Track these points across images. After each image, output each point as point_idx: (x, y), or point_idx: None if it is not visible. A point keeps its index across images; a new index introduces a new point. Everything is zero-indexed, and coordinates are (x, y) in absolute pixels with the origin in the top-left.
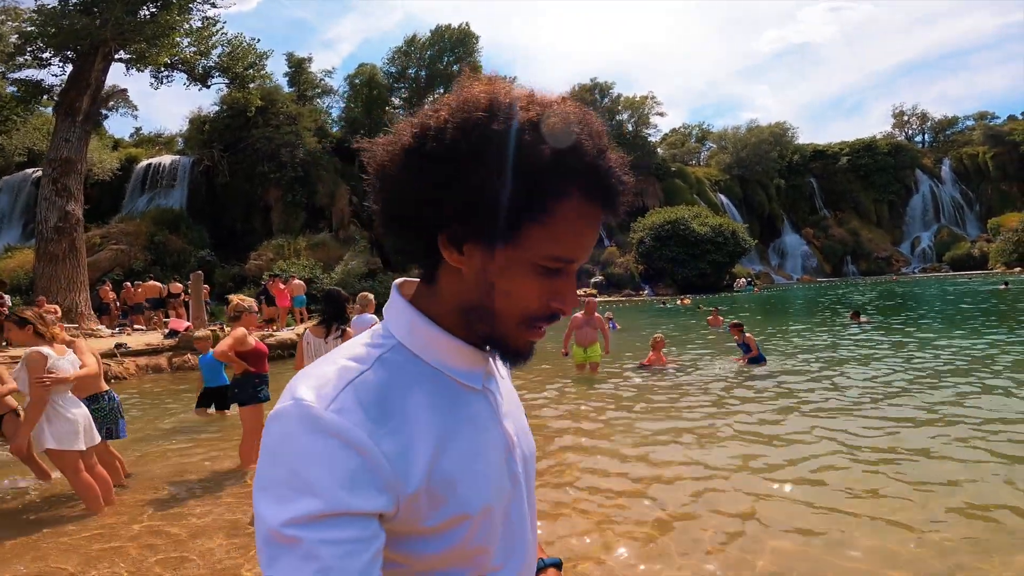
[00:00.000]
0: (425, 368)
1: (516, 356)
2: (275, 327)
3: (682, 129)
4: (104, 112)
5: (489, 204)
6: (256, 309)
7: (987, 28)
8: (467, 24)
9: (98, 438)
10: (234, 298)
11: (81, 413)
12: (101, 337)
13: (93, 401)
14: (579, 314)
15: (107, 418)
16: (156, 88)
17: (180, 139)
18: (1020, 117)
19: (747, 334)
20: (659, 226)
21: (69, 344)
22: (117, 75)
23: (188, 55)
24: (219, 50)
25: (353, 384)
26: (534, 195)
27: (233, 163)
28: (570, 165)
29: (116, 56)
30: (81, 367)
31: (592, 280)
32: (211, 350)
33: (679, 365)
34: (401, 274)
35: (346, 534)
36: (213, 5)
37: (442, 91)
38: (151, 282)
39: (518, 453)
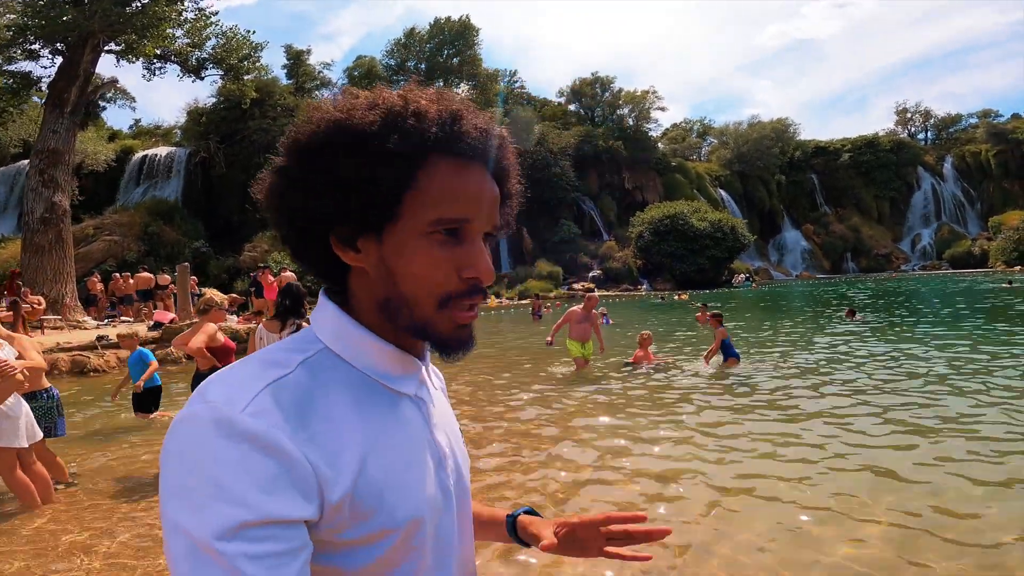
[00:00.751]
0: (353, 373)
1: (448, 344)
2: (263, 319)
3: (683, 124)
4: (102, 104)
5: (353, 189)
6: (226, 306)
7: (991, 26)
8: (467, 17)
9: (39, 435)
10: (208, 291)
11: (24, 410)
12: (86, 329)
13: (32, 398)
14: (577, 307)
15: (46, 416)
16: (148, 80)
17: (178, 131)
18: None
19: (722, 327)
20: (658, 221)
21: (7, 339)
22: (113, 67)
23: (181, 47)
24: (213, 42)
25: (272, 387)
26: (398, 169)
27: (229, 155)
28: (421, 129)
29: (106, 47)
30: (17, 358)
31: (590, 274)
32: (139, 348)
33: (666, 363)
34: None
35: (270, 547)
36: None
37: (442, 84)
38: (143, 273)
39: (450, 465)
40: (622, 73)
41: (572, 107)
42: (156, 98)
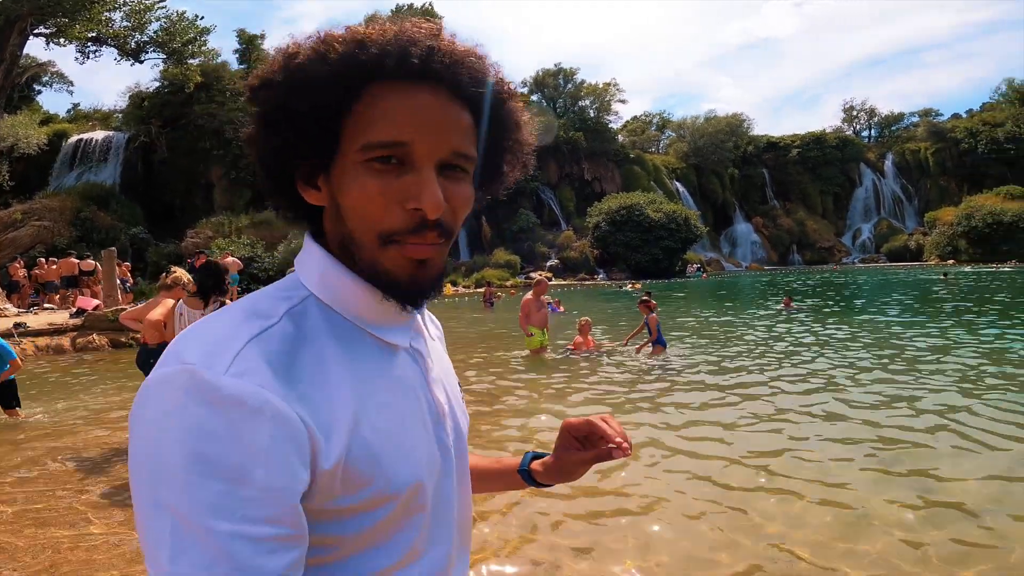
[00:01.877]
0: (343, 323)
1: (401, 285)
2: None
3: (643, 117)
4: (37, 87)
5: (297, 123)
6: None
7: (941, 27)
8: (430, 4)
9: None
10: (178, 270)
11: None
12: (5, 316)
13: None
14: (529, 296)
15: None
16: (82, 63)
17: (119, 115)
18: (964, 115)
19: (652, 314)
20: (615, 211)
21: None
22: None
23: (118, 30)
24: (155, 26)
25: (255, 340)
26: (328, 97)
27: (173, 139)
28: (353, 55)
29: (35, 31)
30: None
31: (548, 264)
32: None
33: (605, 349)
34: None
35: (268, 530)
36: None
37: None
38: (68, 259)
39: (449, 422)
40: (586, 65)
41: (534, 97)
42: (99, 82)
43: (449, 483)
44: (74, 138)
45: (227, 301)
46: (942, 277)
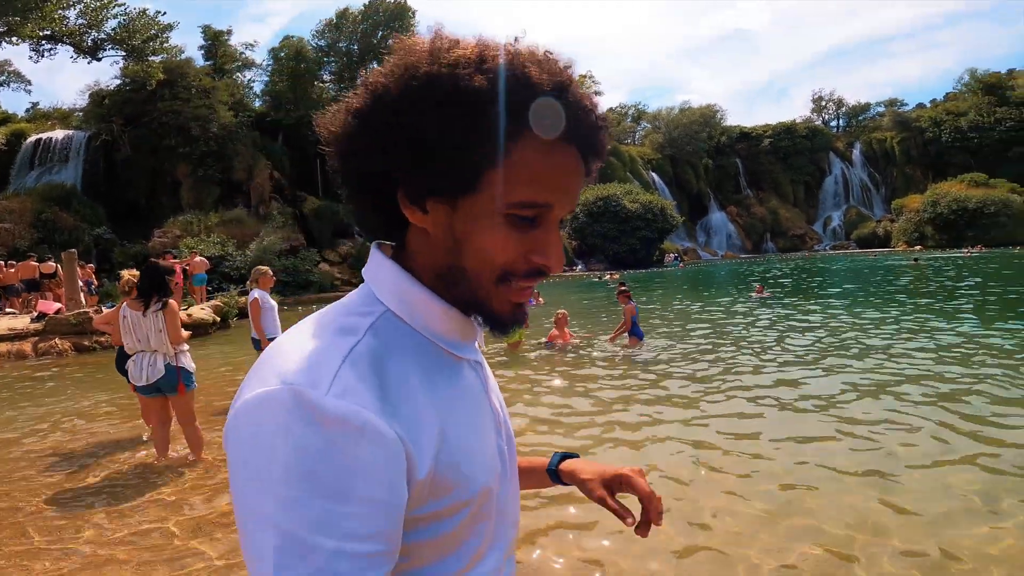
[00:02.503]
0: (418, 338)
1: (501, 321)
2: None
3: (619, 109)
4: None
5: (440, 152)
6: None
7: (905, 19)
8: (404, 0)
9: None
10: (125, 273)
11: None
12: None
13: None
14: None
15: None
16: (36, 62)
17: (79, 114)
18: (928, 105)
19: (630, 304)
20: (592, 203)
21: None
22: (8, 51)
23: (73, 27)
24: (113, 22)
25: (350, 359)
26: (487, 137)
27: (136, 138)
28: (521, 100)
29: None
30: None
31: None
32: None
33: (581, 341)
34: (330, 251)
35: (370, 546)
36: None
37: (375, 66)
38: (27, 262)
39: (503, 429)
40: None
41: None
42: (59, 81)
43: (508, 487)
44: (33, 138)
45: (171, 301)
46: (913, 262)
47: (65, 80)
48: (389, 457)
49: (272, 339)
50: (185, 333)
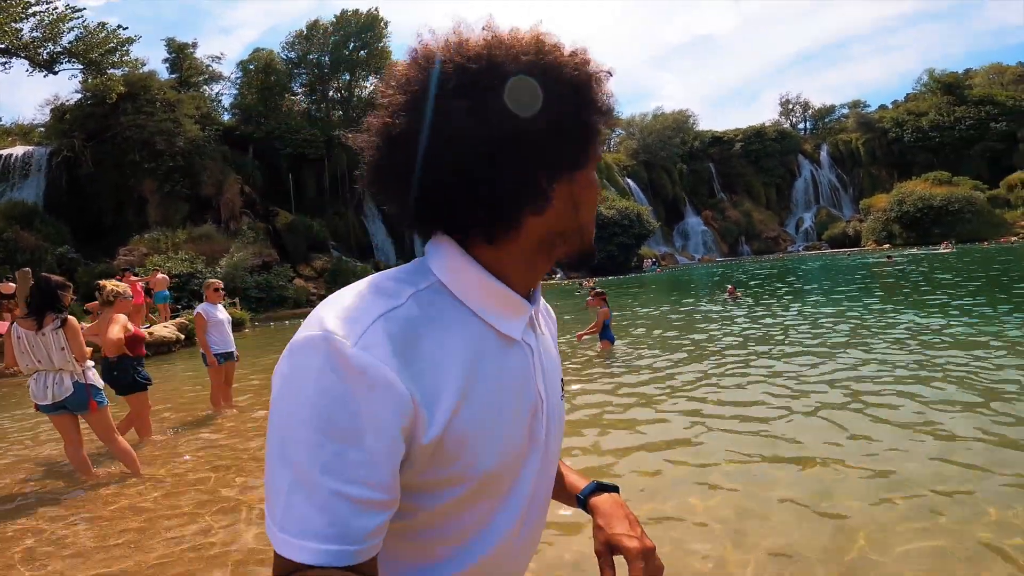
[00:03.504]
0: (463, 311)
1: (591, 253)
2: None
3: None
4: None
5: (580, 135)
6: (131, 294)
7: (864, 21)
8: (376, 9)
9: None
10: (108, 283)
11: None
12: None
13: None
14: None
15: None
16: None
17: (41, 129)
18: (890, 106)
19: (604, 308)
20: None
21: None
22: None
23: (28, 40)
24: (71, 36)
25: (383, 318)
26: (603, 119)
27: (99, 153)
28: (596, 94)
29: None
30: None
31: None
32: None
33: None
34: (304, 266)
35: (366, 493)
36: None
37: (347, 77)
38: None
39: (544, 416)
40: None
41: None
42: (20, 95)
43: (528, 472)
44: None
45: (70, 318)
46: (887, 259)
47: (25, 95)
48: (397, 412)
49: (225, 353)
50: (87, 349)
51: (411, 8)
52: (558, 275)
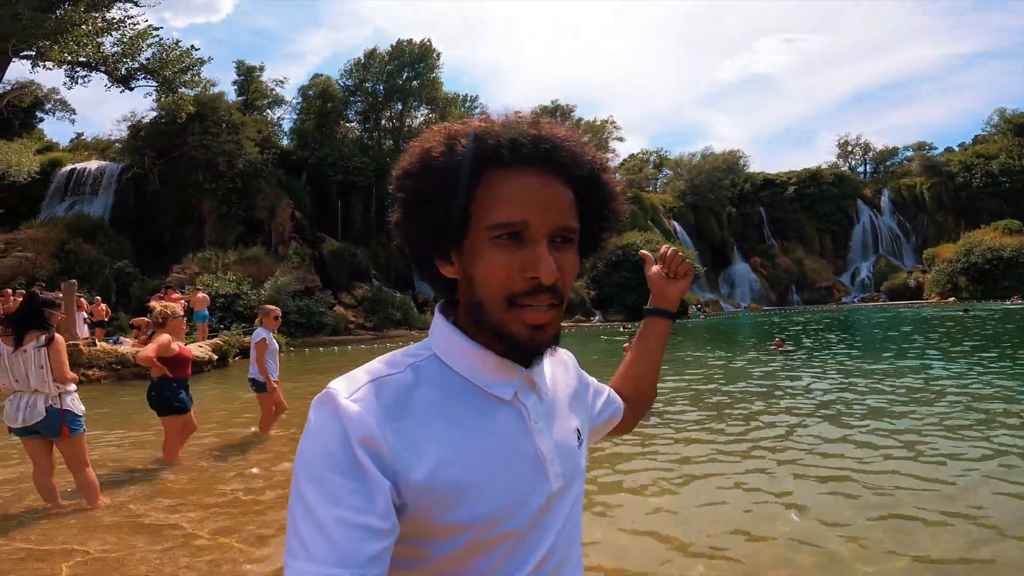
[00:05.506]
0: (457, 379)
1: (521, 346)
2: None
3: (640, 155)
4: (39, 115)
5: (433, 209)
6: (181, 314)
7: (931, 58)
8: (429, 40)
9: None
10: (157, 305)
11: None
12: None
13: None
14: None
15: None
16: (70, 87)
17: (118, 145)
18: (957, 149)
19: None
20: (611, 252)
21: None
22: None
23: (108, 55)
24: (148, 53)
25: (377, 382)
26: (457, 185)
27: (166, 171)
28: (475, 148)
29: (20, 53)
30: None
31: None
32: None
33: None
34: (345, 294)
35: (362, 519)
36: (135, 3)
37: (400, 107)
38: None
39: (552, 470)
40: (583, 103)
41: None
42: (105, 111)
43: (541, 524)
44: (67, 167)
45: (57, 335)
46: (963, 313)
47: (109, 111)
48: (378, 455)
49: (275, 380)
50: (72, 375)
51: (461, 40)
52: (596, 317)
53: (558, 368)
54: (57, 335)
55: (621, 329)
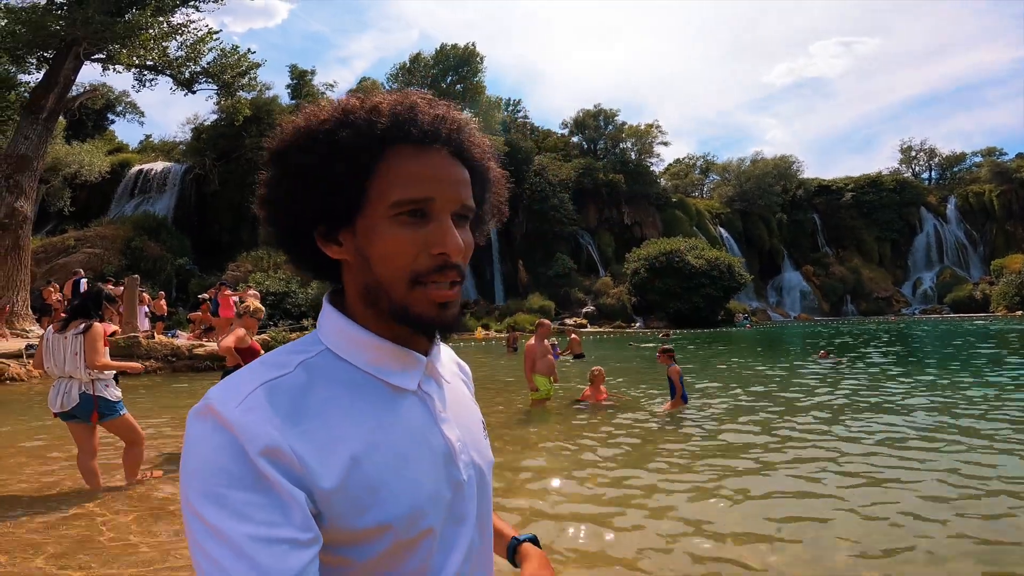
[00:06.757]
0: (352, 371)
1: (429, 324)
2: (210, 338)
3: (686, 159)
4: (111, 117)
5: (324, 187)
6: (262, 316)
7: (1001, 62)
8: (473, 44)
9: None
10: (249, 300)
11: None
12: (25, 337)
13: None
14: (532, 340)
15: None
16: (138, 90)
17: (183, 147)
18: None
19: (674, 365)
20: (654, 257)
21: None
22: (103, 77)
23: (173, 59)
24: (209, 57)
25: (267, 385)
26: (354, 162)
27: (225, 172)
28: (372, 123)
29: (92, 56)
30: None
31: (583, 310)
32: None
33: (619, 401)
34: None
35: (276, 532)
36: (196, 8)
37: None
38: (109, 285)
39: (462, 460)
40: (627, 107)
41: (575, 139)
42: (173, 114)
43: (458, 519)
44: (135, 168)
45: (96, 324)
46: None
47: (176, 114)
48: (282, 465)
49: None
50: (106, 362)
51: (502, 42)
52: (638, 324)
53: (449, 362)
54: (96, 324)
55: (661, 336)
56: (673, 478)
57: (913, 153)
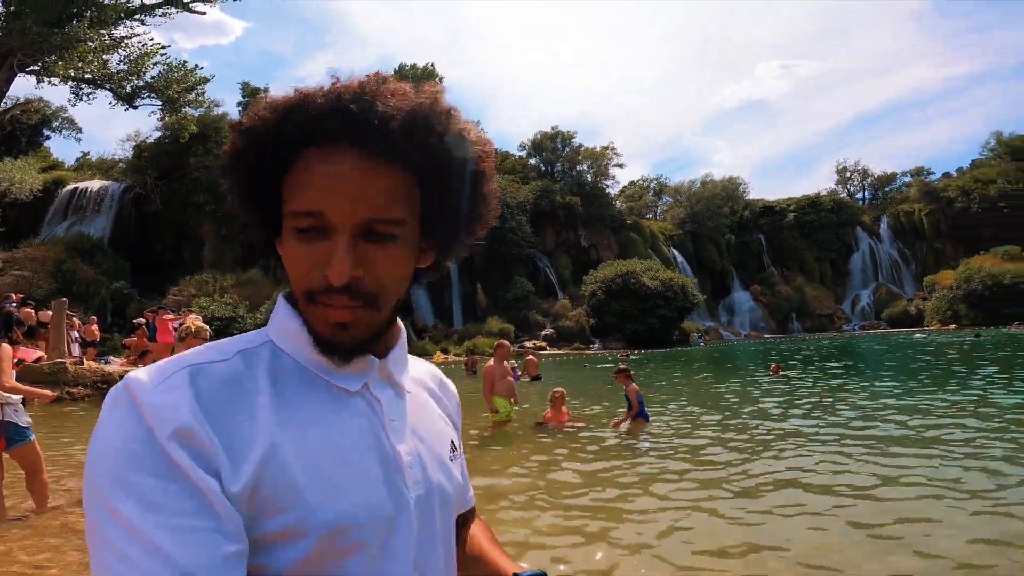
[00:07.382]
0: (293, 367)
1: (323, 341)
2: (144, 362)
3: (640, 182)
4: (47, 133)
5: (248, 191)
6: (208, 336)
7: (928, 83)
8: (432, 65)
9: None
10: (190, 320)
11: None
12: None
13: None
14: (491, 363)
15: None
16: (74, 104)
17: (122, 165)
18: (955, 173)
19: (632, 384)
20: (610, 279)
21: None
22: (55, 93)
23: (113, 72)
24: (154, 71)
25: (194, 368)
26: (268, 165)
27: (168, 192)
28: (287, 122)
29: (26, 68)
30: None
31: (542, 333)
32: None
33: (579, 425)
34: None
35: (187, 521)
36: (141, 22)
37: None
38: (26, 310)
39: (412, 473)
40: (584, 129)
41: (533, 160)
42: (112, 130)
43: (403, 535)
44: (70, 187)
45: (2, 346)
46: (975, 337)
47: (115, 130)
48: (196, 449)
49: None
50: (12, 384)
51: (459, 64)
52: (596, 345)
53: (431, 382)
54: (4, 345)
55: (620, 356)
56: (641, 497)
57: (848, 173)
